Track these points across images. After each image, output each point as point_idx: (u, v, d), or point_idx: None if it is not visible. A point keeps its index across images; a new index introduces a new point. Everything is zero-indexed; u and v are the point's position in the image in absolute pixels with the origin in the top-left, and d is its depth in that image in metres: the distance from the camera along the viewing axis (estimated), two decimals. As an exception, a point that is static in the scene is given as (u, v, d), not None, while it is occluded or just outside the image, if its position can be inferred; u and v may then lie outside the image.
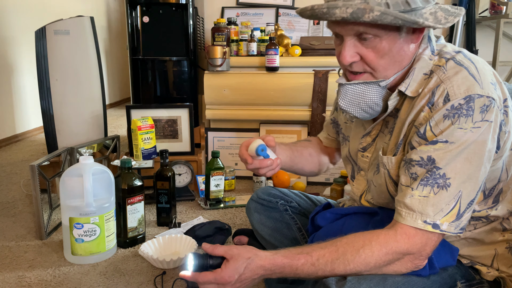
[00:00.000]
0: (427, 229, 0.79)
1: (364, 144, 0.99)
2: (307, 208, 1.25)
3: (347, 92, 0.88)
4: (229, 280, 0.82)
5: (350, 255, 0.81)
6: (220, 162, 1.80)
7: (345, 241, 0.82)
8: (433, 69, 0.85)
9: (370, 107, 0.88)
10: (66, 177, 1.31)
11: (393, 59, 0.84)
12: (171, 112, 2.02)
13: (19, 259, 1.36)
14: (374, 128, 0.96)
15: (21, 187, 2.09)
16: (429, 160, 0.79)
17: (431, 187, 0.79)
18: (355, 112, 0.90)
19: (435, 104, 0.80)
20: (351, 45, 0.83)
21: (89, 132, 2.01)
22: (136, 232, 1.45)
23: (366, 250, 0.80)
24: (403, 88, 0.86)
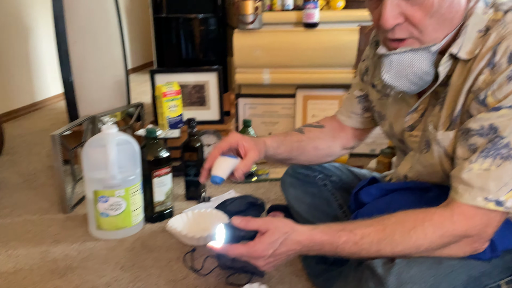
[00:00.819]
0: (489, 207, 0.76)
1: (410, 122, 0.95)
2: (350, 182, 1.23)
3: (392, 63, 0.83)
4: (262, 254, 0.83)
5: (399, 236, 0.80)
6: (252, 132, 1.80)
7: (393, 219, 0.81)
8: (489, 25, 0.79)
9: (420, 78, 0.83)
10: (89, 148, 1.36)
11: (443, 17, 0.78)
12: (198, 76, 2.02)
13: (43, 234, 1.43)
14: (421, 103, 0.92)
15: (42, 158, 2.18)
16: (491, 128, 0.76)
17: (493, 159, 0.75)
18: (403, 85, 0.85)
19: (497, 65, 0.76)
20: (393, 4, 0.77)
21: (111, 99, 2.06)
22: (163, 206, 1.49)
23: (418, 232, 0.79)
24: (455, 50, 0.81)
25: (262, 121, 2.26)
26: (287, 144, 1.10)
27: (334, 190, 1.22)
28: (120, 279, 1.17)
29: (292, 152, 1.11)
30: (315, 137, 1.14)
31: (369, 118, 1.14)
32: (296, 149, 1.11)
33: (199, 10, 2.26)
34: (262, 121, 2.26)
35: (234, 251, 0.84)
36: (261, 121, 2.26)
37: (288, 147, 1.09)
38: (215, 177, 0.93)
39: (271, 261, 0.85)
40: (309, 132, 1.14)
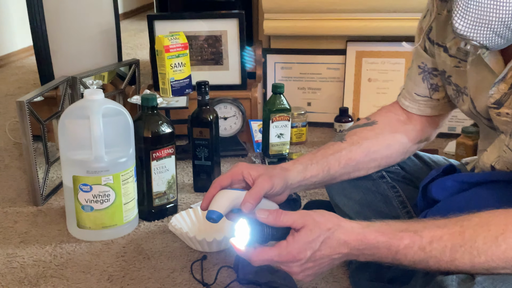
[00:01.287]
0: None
1: (497, 96, 0.93)
2: (417, 173, 1.23)
3: (468, 5, 0.82)
4: (298, 257, 0.84)
5: (482, 242, 0.80)
6: (285, 101, 1.80)
7: (476, 220, 0.81)
8: None
9: (508, 27, 0.81)
10: (67, 120, 1.38)
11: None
12: (213, 24, 2.02)
13: (8, 231, 1.48)
14: (511, 69, 0.91)
15: (6, 132, 2.23)
16: None
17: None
18: (483, 37, 0.83)
19: None
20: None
21: (96, 55, 2.08)
22: (164, 199, 1.52)
23: (508, 239, 0.79)
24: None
25: (299, 86, 2.25)
26: (320, 162, 1.08)
27: (394, 183, 1.22)
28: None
29: (331, 171, 1.09)
30: (364, 138, 1.12)
31: (441, 101, 1.12)
32: (338, 165, 1.09)
33: None
34: (299, 86, 2.25)
35: (260, 257, 0.86)
36: (298, 86, 2.25)
37: (322, 165, 1.08)
38: (212, 212, 0.94)
39: (309, 266, 0.87)
40: (352, 135, 1.13)
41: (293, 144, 2.05)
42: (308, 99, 2.26)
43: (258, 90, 2.12)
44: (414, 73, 1.14)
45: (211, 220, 0.94)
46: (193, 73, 1.98)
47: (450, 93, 1.08)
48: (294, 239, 0.84)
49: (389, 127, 1.14)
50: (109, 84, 2.09)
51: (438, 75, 1.10)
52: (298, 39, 2.22)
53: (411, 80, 1.15)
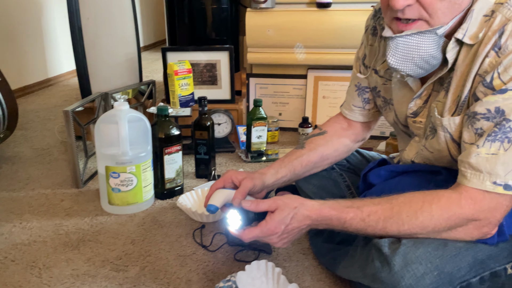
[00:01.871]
0: (497, 191, 0.76)
1: (414, 108, 0.94)
2: (358, 165, 1.23)
3: (397, 46, 0.81)
4: (276, 231, 0.85)
5: (405, 215, 0.80)
6: (262, 112, 1.80)
7: (401, 199, 0.82)
8: (495, 9, 0.78)
9: (426, 62, 0.82)
10: (101, 124, 1.36)
11: (453, 1, 0.77)
12: (210, 55, 2.01)
13: (56, 207, 1.46)
14: (425, 89, 0.90)
15: (55, 133, 2.20)
16: (498, 111, 0.75)
17: (501, 143, 0.75)
18: (408, 69, 0.83)
19: (503, 47, 0.74)
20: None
21: (123, 77, 2.06)
22: (174, 183, 1.51)
23: (425, 213, 0.79)
24: (461, 35, 0.80)
25: (273, 101, 2.25)
26: (287, 166, 1.09)
27: (342, 172, 1.22)
28: (131, 253, 1.19)
29: (296, 171, 1.09)
30: (318, 145, 1.12)
31: (371, 111, 1.13)
32: (300, 166, 1.10)
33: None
34: (273, 101, 2.25)
35: (248, 235, 0.86)
36: (272, 101, 2.25)
37: (289, 168, 1.09)
38: (210, 205, 0.96)
39: (284, 237, 0.87)
40: (310, 143, 1.13)
41: (269, 143, 2.05)
42: (279, 111, 2.26)
43: (243, 104, 2.11)
44: (352, 90, 1.14)
45: (209, 211, 0.95)
46: (196, 91, 1.97)
47: (379, 103, 1.09)
48: (271, 218, 0.85)
49: (336, 135, 1.15)
50: (132, 98, 2.07)
51: (370, 91, 1.11)
52: (273, 67, 2.22)
53: (350, 96, 1.15)
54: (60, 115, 2.53)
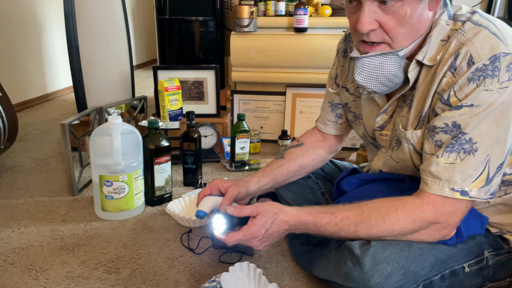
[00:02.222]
0: (455, 196, 0.77)
1: (381, 122, 0.95)
2: (332, 173, 1.24)
3: (363, 65, 0.83)
4: (257, 234, 0.84)
5: (374, 220, 0.81)
6: (245, 125, 1.80)
7: (371, 205, 0.82)
8: (450, 34, 0.80)
9: (390, 80, 0.84)
10: (96, 136, 1.34)
11: (412, 27, 0.79)
12: (198, 73, 2.01)
13: (53, 214, 1.42)
14: (390, 105, 0.92)
15: (53, 145, 2.16)
16: (454, 125, 0.77)
17: (457, 153, 0.76)
18: (374, 86, 0.85)
19: (458, 69, 0.77)
20: (370, 11, 0.78)
21: (117, 93, 2.04)
22: (163, 191, 1.49)
23: (392, 217, 0.80)
24: (421, 57, 0.82)
25: (255, 115, 2.25)
26: (269, 175, 1.09)
27: (318, 180, 1.22)
28: (122, 256, 1.17)
29: (277, 179, 1.10)
30: (296, 156, 1.13)
31: (343, 125, 1.14)
32: (281, 175, 1.10)
33: (199, 13, 2.24)
34: (255, 115, 2.25)
35: (232, 239, 0.85)
36: (254, 115, 2.25)
37: (270, 176, 1.09)
38: (199, 211, 0.95)
39: (265, 240, 0.86)
40: (289, 154, 1.13)
41: (251, 154, 2.04)
42: (261, 124, 2.26)
43: (227, 118, 2.11)
44: (326, 106, 1.15)
45: (198, 217, 0.94)
46: (184, 106, 1.96)
47: (350, 118, 1.10)
48: (252, 223, 0.84)
49: (312, 146, 1.15)
50: (125, 112, 2.05)
51: (341, 107, 1.12)
52: (255, 84, 2.23)
53: (324, 111, 1.16)
54: (57, 128, 2.49)
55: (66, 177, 1.69)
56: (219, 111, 2.05)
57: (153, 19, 2.47)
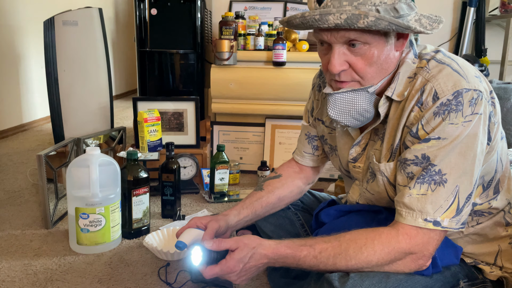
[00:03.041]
0: (428, 227, 0.79)
1: (354, 154, 0.98)
2: (311, 204, 1.25)
3: (336, 101, 0.87)
4: (234, 269, 0.84)
5: (352, 251, 0.81)
6: (225, 156, 1.81)
7: (348, 237, 0.83)
8: (417, 71, 0.86)
9: (361, 114, 0.88)
10: (73, 168, 1.33)
11: (380, 67, 0.84)
12: (177, 105, 2.02)
13: (25, 248, 1.38)
14: (363, 138, 0.96)
15: (27, 176, 2.11)
16: (424, 158, 0.80)
17: (428, 185, 0.79)
18: (346, 120, 0.88)
19: (424, 103, 0.81)
20: (340, 53, 0.82)
21: (95, 123, 2.02)
22: (141, 223, 1.46)
23: (369, 249, 0.81)
24: (390, 93, 0.86)
25: (235, 146, 2.27)
26: (249, 207, 1.09)
27: (297, 212, 1.23)
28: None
29: (257, 212, 1.10)
30: (275, 188, 1.14)
31: (320, 156, 1.17)
32: (260, 207, 1.10)
33: (180, 46, 2.28)
34: (235, 146, 2.27)
35: (209, 272, 0.85)
36: (234, 146, 2.27)
37: (250, 209, 1.09)
38: (179, 242, 0.95)
39: (243, 274, 0.86)
40: (267, 186, 1.14)
41: (231, 184, 2.04)
42: (240, 155, 2.27)
43: (207, 149, 2.11)
44: (303, 138, 1.17)
45: (178, 248, 0.94)
46: (164, 136, 1.96)
47: (326, 150, 1.12)
48: (231, 258, 0.84)
49: (290, 178, 1.16)
50: (104, 143, 2.03)
51: (318, 139, 1.14)
52: (234, 116, 2.25)
53: (301, 143, 1.18)
54: (32, 159, 2.44)
55: (40, 209, 1.65)
56: (199, 142, 2.06)
57: (133, 50, 2.49)
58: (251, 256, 0.84)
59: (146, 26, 2.31)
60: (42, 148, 2.63)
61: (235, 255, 0.84)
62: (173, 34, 2.29)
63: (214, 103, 2.19)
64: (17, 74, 3.20)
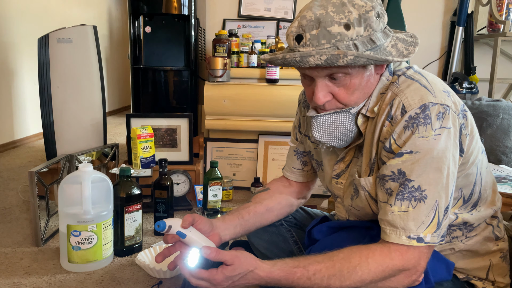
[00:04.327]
0: (412, 244, 0.80)
1: (337, 170, 1.00)
2: (303, 221, 1.25)
3: (320, 123, 0.90)
4: (221, 284, 0.83)
5: (346, 271, 0.81)
6: (218, 172, 1.81)
7: (341, 256, 0.83)
8: (389, 87, 0.88)
9: (344, 135, 0.90)
10: (65, 184, 1.32)
11: (362, 91, 0.87)
12: (171, 121, 2.03)
13: (15, 266, 1.36)
14: (347, 154, 0.97)
15: (18, 193, 2.09)
16: (400, 173, 0.82)
17: (409, 201, 0.81)
18: (331, 141, 0.91)
19: (394, 117, 0.83)
20: (323, 86, 0.85)
21: (88, 140, 2.02)
22: (133, 240, 1.45)
23: (363, 267, 0.81)
24: (364, 111, 0.89)
25: (228, 162, 2.27)
26: (234, 213, 1.07)
27: (290, 228, 1.23)
28: (88, 311, 1.12)
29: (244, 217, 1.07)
30: (262, 199, 1.13)
31: (309, 172, 1.17)
32: (247, 214, 1.08)
33: (174, 63, 2.31)
34: (228, 162, 2.27)
35: (197, 274, 0.83)
36: (227, 162, 2.27)
37: (235, 214, 1.07)
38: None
39: (228, 285, 0.85)
40: (255, 198, 1.14)
41: (224, 201, 2.04)
42: (234, 171, 2.28)
43: (200, 165, 2.11)
44: (291, 154, 1.18)
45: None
46: (157, 153, 1.96)
47: (314, 165, 1.13)
48: (221, 272, 0.83)
49: (278, 191, 1.17)
50: (96, 160, 2.03)
51: (306, 155, 1.15)
52: (228, 132, 2.27)
53: (290, 159, 1.19)
54: (23, 175, 2.42)
55: (30, 226, 1.63)
56: (192, 159, 2.06)
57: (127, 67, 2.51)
58: (242, 277, 0.83)
59: (141, 43, 2.34)
60: (34, 165, 2.62)
61: (227, 271, 0.83)
62: (167, 51, 2.32)
63: (208, 120, 2.20)
64: (10, 91, 3.20)
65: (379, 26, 0.83)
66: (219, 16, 2.68)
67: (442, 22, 2.71)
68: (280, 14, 2.65)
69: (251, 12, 2.65)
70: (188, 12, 2.27)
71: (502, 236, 0.97)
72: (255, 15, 2.65)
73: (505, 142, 2.06)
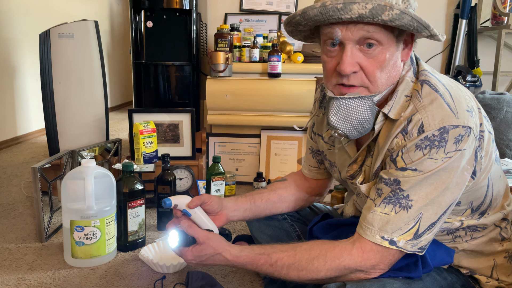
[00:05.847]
0: (384, 244, 0.81)
1: (351, 172, 0.98)
2: (307, 216, 1.25)
3: (340, 106, 0.83)
4: (190, 261, 0.93)
5: (304, 261, 0.84)
6: (221, 167, 1.81)
7: (304, 247, 0.86)
8: (412, 93, 0.84)
9: (361, 125, 0.85)
10: (68, 180, 1.32)
11: (389, 73, 0.82)
12: (173, 116, 2.03)
13: (19, 261, 1.36)
14: (359, 155, 0.95)
15: (21, 189, 2.10)
16: (395, 181, 0.81)
17: (394, 206, 0.80)
18: (346, 129, 0.85)
19: (409, 133, 0.80)
20: (353, 53, 0.79)
21: (91, 135, 2.02)
22: (136, 236, 1.46)
23: (320, 260, 0.83)
24: (386, 110, 0.85)
25: (230, 157, 2.27)
26: (247, 196, 1.11)
27: (293, 223, 1.23)
28: (92, 306, 1.12)
29: (256, 202, 1.11)
30: (278, 188, 1.15)
31: (325, 170, 1.17)
32: (260, 200, 1.11)
33: (175, 58, 2.29)
34: (230, 157, 2.27)
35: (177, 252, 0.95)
36: (229, 157, 2.27)
37: (248, 198, 1.11)
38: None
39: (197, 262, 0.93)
40: (271, 186, 1.16)
41: (226, 196, 2.04)
42: (236, 166, 2.27)
43: (203, 160, 2.11)
44: (308, 153, 1.18)
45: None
46: (159, 148, 1.96)
47: (326, 165, 1.12)
48: (191, 251, 0.92)
49: (294, 183, 1.18)
50: (99, 155, 2.03)
51: (320, 153, 1.14)
52: (230, 127, 2.26)
53: (307, 157, 1.19)
54: (27, 171, 2.42)
55: (34, 222, 1.63)
56: (195, 154, 2.06)
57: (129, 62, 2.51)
58: (209, 257, 0.90)
59: (142, 38, 2.32)
60: (37, 161, 2.62)
61: (195, 250, 0.91)
62: (168, 46, 2.31)
63: (210, 115, 2.20)
64: (12, 87, 3.20)
65: (414, 3, 0.80)
66: (220, 10, 2.66)
67: (445, 14, 2.69)
68: (282, 8, 2.63)
69: (253, 6, 2.63)
70: (190, 7, 2.25)
71: (509, 236, 0.96)
72: (257, 9, 2.63)
73: (509, 135, 2.05)
